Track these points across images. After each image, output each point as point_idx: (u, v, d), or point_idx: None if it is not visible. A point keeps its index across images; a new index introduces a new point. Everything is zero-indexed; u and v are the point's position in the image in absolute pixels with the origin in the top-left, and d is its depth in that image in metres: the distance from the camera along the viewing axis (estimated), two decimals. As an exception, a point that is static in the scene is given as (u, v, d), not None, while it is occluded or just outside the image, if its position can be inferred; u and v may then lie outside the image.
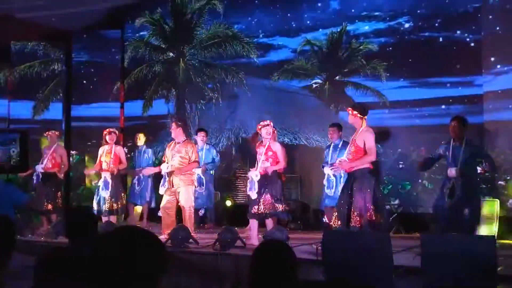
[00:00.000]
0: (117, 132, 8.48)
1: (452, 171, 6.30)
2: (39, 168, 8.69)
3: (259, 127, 7.02)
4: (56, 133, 9.10)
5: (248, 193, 6.92)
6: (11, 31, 11.20)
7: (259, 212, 6.74)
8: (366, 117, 6.20)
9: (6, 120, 11.00)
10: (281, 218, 7.36)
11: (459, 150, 6.32)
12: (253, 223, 6.80)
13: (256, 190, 6.74)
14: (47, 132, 9.07)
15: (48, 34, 11.75)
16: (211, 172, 8.75)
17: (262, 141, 7.03)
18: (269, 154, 6.91)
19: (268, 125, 6.96)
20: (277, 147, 7.00)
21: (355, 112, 6.19)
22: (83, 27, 11.62)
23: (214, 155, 8.72)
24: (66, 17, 11.46)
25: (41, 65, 11.34)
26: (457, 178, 6.27)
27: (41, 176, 8.67)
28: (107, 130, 8.38)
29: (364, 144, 6.01)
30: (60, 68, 11.28)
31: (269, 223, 6.84)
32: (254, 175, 6.80)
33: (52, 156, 8.81)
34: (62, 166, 8.88)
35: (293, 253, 2.28)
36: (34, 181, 8.77)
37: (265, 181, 6.80)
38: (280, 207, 6.79)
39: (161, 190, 7.30)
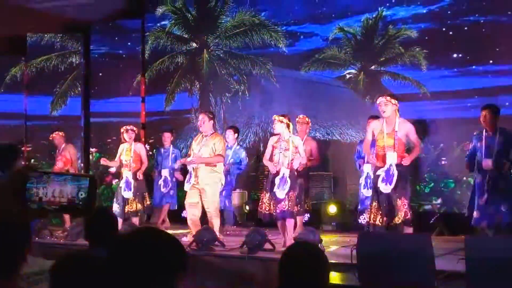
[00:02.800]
0: (135, 129, 8.50)
1: (488, 163, 6.27)
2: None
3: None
4: (60, 133, 9.24)
5: (276, 190, 6.86)
6: (27, 23, 11.39)
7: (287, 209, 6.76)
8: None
9: (23, 116, 11.21)
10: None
11: (492, 140, 6.30)
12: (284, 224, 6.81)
13: (287, 188, 6.73)
14: (51, 135, 9.22)
15: (65, 25, 11.92)
16: (235, 173, 8.68)
17: (279, 134, 6.98)
18: (292, 150, 6.89)
19: (274, 120, 7.01)
20: (298, 141, 7.02)
21: (394, 101, 6.19)
22: (102, 17, 11.77)
23: (243, 157, 8.61)
24: (84, 7, 11.61)
25: (58, 58, 11.52)
26: (493, 170, 6.23)
27: None
28: (124, 127, 8.41)
29: (407, 136, 6.10)
30: (78, 61, 11.43)
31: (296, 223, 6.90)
32: (286, 172, 6.80)
33: (61, 156, 9.00)
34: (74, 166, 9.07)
35: (325, 256, 2.27)
36: None
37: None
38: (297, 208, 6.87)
39: (186, 187, 7.28)
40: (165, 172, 9.17)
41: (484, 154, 6.37)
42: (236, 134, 8.73)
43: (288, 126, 6.93)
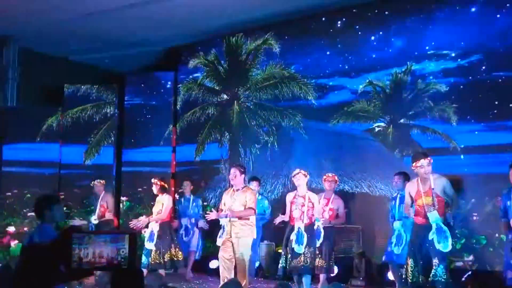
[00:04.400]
0: (157, 181, 8.57)
1: None
2: (93, 220, 9.19)
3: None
4: (102, 181, 9.49)
5: (294, 246, 6.98)
6: (64, 74, 11.80)
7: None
8: None
9: (57, 165, 11.44)
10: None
11: None
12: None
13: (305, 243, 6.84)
14: (93, 182, 9.48)
15: (101, 76, 12.31)
16: (260, 224, 8.66)
17: (297, 190, 7.25)
18: (309, 206, 7.17)
19: (297, 174, 7.30)
20: (315, 198, 7.25)
21: (431, 161, 6.28)
22: (137, 69, 12.11)
23: (266, 206, 8.69)
24: (120, 59, 12.00)
25: (93, 109, 11.80)
26: None
27: (94, 227, 9.09)
28: (153, 180, 8.59)
29: (444, 192, 6.07)
30: (113, 111, 11.70)
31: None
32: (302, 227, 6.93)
33: (101, 205, 9.34)
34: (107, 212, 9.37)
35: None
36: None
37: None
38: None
39: (219, 242, 7.28)
40: (185, 221, 9.29)
41: None
42: (257, 182, 8.78)
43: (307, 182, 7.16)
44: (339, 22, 9.81)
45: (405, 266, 6.40)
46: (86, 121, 11.66)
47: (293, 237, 6.99)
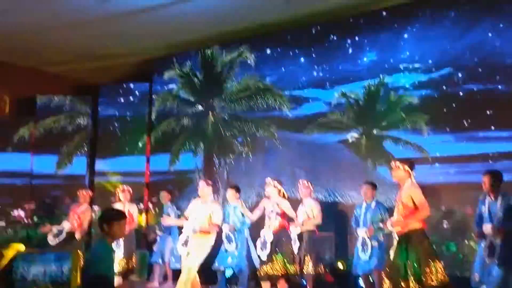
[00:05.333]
0: (130, 190, 8.63)
1: (487, 228, 6.30)
2: (67, 226, 8.88)
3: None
4: (90, 193, 9.32)
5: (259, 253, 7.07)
6: (37, 85, 11.72)
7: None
8: (413, 172, 6.17)
9: (29, 175, 11.32)
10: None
11: (494, 206, 6.34)
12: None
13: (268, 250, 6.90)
14: (80, 190, 9.26)
15: (74, 87, 12.27)
16: (243, 228, 8.65)
17: (269, 197, 7.39)
18: (278, 212, 7.33)
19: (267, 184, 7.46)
20: (286, 205, 7.36)
21: (406, 167, 6.14)
22: (111, 79, 12.10)
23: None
24: (94, 71, 11.98)
25: (66, 119, 11.75)
26: (493, 235, 6.24)
27: (65, 235, 8.86)
28: (121, 187, 8.63)
29: (412, 200, 6.03)
30: (86, 122, 11.66)
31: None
32: (267, 235, 7.00)
33: (79, 217, 9.03)
34: (83, 229, 9.08)
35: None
36: (53, 236, 8.88)
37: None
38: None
39: (180, 250, 7.34)
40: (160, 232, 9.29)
41: (486, 220, 6.41)
42: (238, 193, 8.79)
43: (279, 191, 7.21)
44: (313, 34, 9.99)
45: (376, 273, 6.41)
46: (58, 131, 11.59)
47: (258, 244, 7.11)
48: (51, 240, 8.88)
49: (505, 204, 6.37)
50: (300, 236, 7.75)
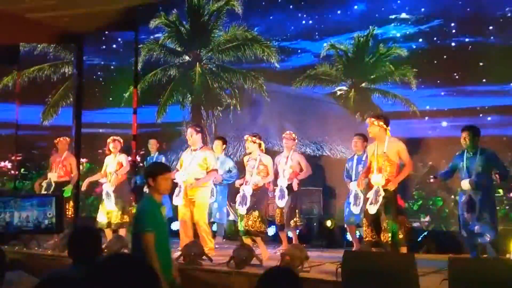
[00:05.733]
0: (121, 140, 8.56)
1: (465, 183, 6.39)
2: (53, 176, 8.89)
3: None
4: (67, 139, 9.26)
5: (238, 207, 7.12)
6: (20, 32, 11.45)
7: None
8: (389, 128, 6.31)
9: (15, 126, 11.22)
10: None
11: (473, 160, 6.41)
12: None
13: (247, 205, 6.90)
14: (57, 139, 9.22)
15: (58, 35, 11.99)
16: (226, 183, 8.74)
17: (251, 153, 7.24)
18: (260, 168, 7.16)
19: (246, 140, 7.34)
20: (268, 160, 7.23)
21: (380, 123, 6.28)
22: (95, 28, 11.83)
23: (232, 166, 8.70)
24: (78, 18, 11.68)
25: (51, 68, 11.55)
26: (472, 190, 6.34)
27: (53, 185, 8.86)
28: (111, 138, 8.54)
29: (399, 156, 6.17)
30: (71, 71, 11.47)
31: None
32: (246, 190, 7.00)
33: (63, 164, 9.03)
34: (72, 175, 9.08)
35: (300, 282, 2.30)
36: (44, 189, 8.92)
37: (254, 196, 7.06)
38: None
39: (176, 201, 7.34)
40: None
41: (465, 175, 6.49)
42: (224, 145, 8.82)
43: (259, 145, 7.15)
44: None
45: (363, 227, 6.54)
46: (43, 81, 11.42)
47: (237, 198, 7.12)
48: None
49: (484, 158, 6.44)
50: (285, 190, 7.74)
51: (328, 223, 8.54)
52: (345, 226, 7.92)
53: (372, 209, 6.19)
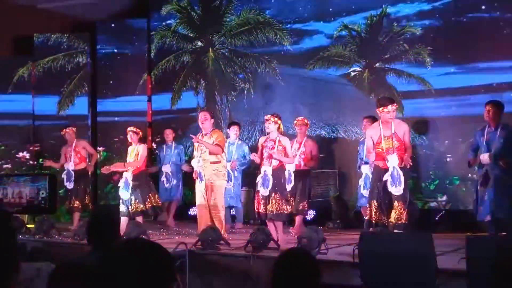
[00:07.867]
0: (135, 130, 8.50)
1: (484, 157, 6.38)
2: (71, 166, 8.95)
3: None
4: (73, 129, 9.30)
5: (260, 189, 6.95)
6: (33, 23, 11.48)
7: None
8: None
9: (31, 116, 11.30)
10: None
11: (494, 135, 6.40)
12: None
13: (270, 187, 6.81)
14: (64, 130, 9.27)
15: (71, 25, 12.02)
16: (241, 169, 8.76)
17: (269, 134, 7.06)
18: (279, 149, 6.91)
19: (267, 120, 7.03)
20: (286, 141, 7.05)
21: (392, 107, 6.33)
22: (108, 16, 11.84)
23: (246, 152, 8.70)
24: (90, 7, 11.70)
25: (65, 58, 11.56)
26: (491, 165, 6.30)
27: (74, 174, 8.93)
28: (128, 129, 8.53)
29: (404, 137, 6.21)
30: (85, 60, 11.49)
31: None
32: (268, 171, 6.89)
33: (76, 152, 9.08)
34: (89, 156, 9.18)
35: (317, 263, 2.30)
36: (66, 180, 9.00)
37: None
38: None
39: (200, 185, 7.35)
40: (166, 168, 9.36)
41: (485, 149, 6.47)
42: (237, 127, 8.84)
43: (279, 127, 7.04)
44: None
45: (368, 208, 6.53)
46: (58, 71, 11.43)
47: (259, 179, 6.97)
48: (68, 185, 8.99)
49: (505, 134, 6.41)
50: (293, 175, 7.72)
51: (344, 204, 8.54)
52: (359, 208, 7.92)
53: (398, 191, 6.16)
